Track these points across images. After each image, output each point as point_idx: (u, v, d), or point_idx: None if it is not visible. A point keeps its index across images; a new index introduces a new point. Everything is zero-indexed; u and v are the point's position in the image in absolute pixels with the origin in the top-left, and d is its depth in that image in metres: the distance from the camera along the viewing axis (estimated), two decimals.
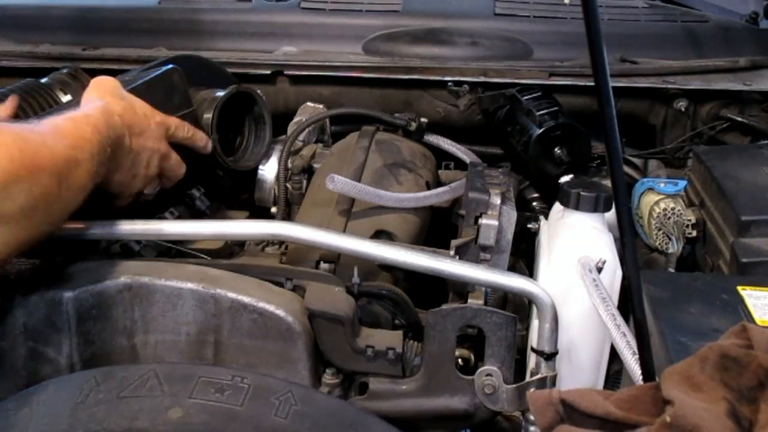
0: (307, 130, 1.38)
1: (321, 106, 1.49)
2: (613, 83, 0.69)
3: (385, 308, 1.06)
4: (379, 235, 1.16)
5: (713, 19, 1.69)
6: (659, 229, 1.25)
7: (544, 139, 1.36)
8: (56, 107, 1.11)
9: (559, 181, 1.18)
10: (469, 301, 1.04)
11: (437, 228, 1.24)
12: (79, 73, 1.22)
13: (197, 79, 1.29)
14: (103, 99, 1.03)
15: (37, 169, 0.83)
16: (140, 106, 1.09)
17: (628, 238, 0.72)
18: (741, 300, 0.85)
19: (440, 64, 1.53)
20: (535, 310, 1.00)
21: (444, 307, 0.99)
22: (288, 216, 1.32)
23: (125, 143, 1.03)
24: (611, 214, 1.07)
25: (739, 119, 1.47)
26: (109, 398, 0.85)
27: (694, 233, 1.19)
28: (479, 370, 0.99)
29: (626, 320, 0.89)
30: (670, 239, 1.23)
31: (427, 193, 1.21)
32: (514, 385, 0.98)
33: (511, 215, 1.13)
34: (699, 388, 0.63)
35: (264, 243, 1.23)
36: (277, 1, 1.78)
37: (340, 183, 1.09)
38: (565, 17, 1.67)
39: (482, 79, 1.50)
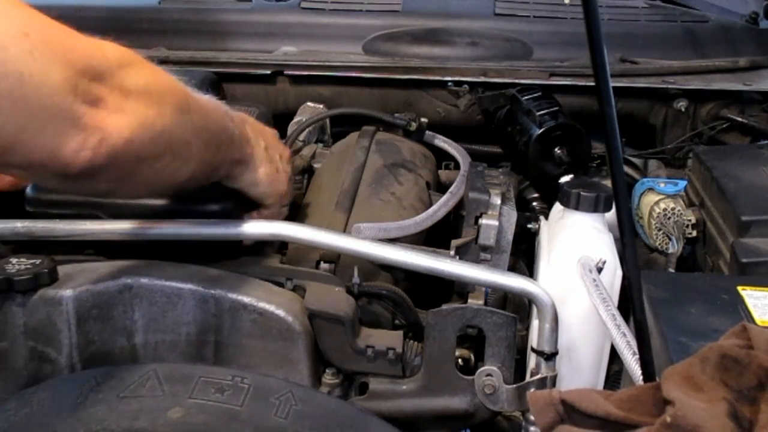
0: (307, 130, 1.38)
1: (321, 106, 1.49)
2: (613, 83, 0.69)
3: (385, 308, 1.06)
4: None
5: (713, 19, 1.69)
6: (659, 229, 1.25)
7: (544, 139, 1.36)
8: None
9: (559, 181, 1.18)
10: (469, 301, 1.04)
11: (437, 228, 1.24)
12: None
13: None
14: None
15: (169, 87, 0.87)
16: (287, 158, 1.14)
17: (628, 238, 0.72)
18: (741, 300, 0.85)
19: (440, 64, 1.53)
20: (535, 310, 1.00)
21: (444, 307, 0.99)
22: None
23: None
24: (611, 214, 1.07)
25: (739, 119, 1.46)
26: (109, 398, 0.85)
27: (694, 233, 1.19)
28: (479, 370, 0.99)
29: (626, 320, 0.89)
30: (670, 239, 1.23)
31: (436, 207, 1.20)
32: (514, 385, 0.98)
33: (511, 215, 1.13)
34: (699, 389, 0.63)
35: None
36: (277, 1, 1.79)
37: (366, 230, 1.10)
38: (565, 17, 1.67)
39: (482, 79, 1.50)
